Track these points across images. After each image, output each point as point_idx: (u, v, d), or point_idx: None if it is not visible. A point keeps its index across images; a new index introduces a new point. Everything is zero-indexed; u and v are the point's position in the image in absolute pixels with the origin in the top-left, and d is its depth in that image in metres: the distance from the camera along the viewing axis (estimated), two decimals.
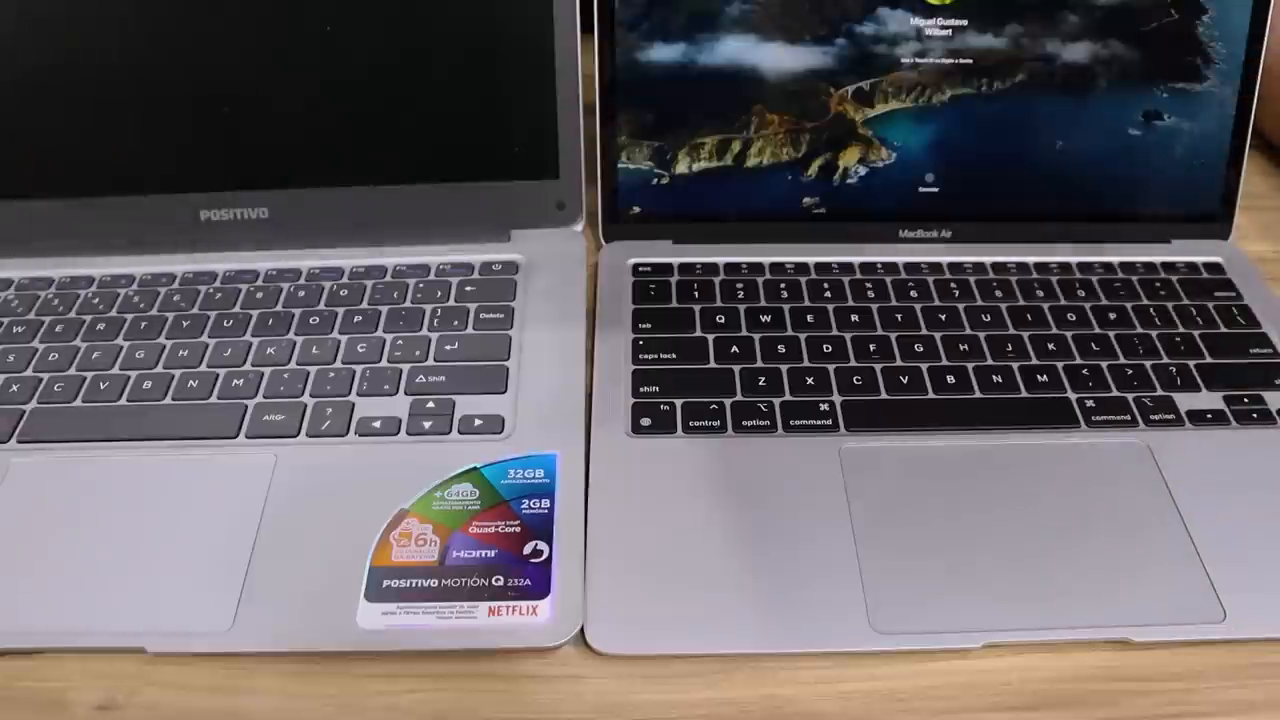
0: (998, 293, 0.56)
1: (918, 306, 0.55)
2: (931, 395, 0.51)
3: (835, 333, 0.54)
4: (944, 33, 0.56)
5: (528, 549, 0.43)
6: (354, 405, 0.48)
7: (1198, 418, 0.50)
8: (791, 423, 0.49)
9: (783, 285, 0.56)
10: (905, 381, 0.51)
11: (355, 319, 0.53)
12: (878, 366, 0.52)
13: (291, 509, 0.44)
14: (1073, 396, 0.51)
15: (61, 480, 0.46)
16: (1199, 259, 0.59)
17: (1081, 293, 0.57)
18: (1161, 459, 0.48)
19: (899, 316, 0.55)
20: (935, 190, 0.59)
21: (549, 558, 0.43)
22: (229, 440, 0.47)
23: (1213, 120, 0.58)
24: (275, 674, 0.41)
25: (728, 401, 0.50)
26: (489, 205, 0.57)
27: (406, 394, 0.49)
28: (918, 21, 0.56)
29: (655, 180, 0.58)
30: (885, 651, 0.41)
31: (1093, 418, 0.50)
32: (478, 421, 0.48)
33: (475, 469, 0.46)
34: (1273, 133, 0.66)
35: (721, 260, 0.58)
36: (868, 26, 0.56)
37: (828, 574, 0.43)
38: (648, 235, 0.59)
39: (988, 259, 0.58)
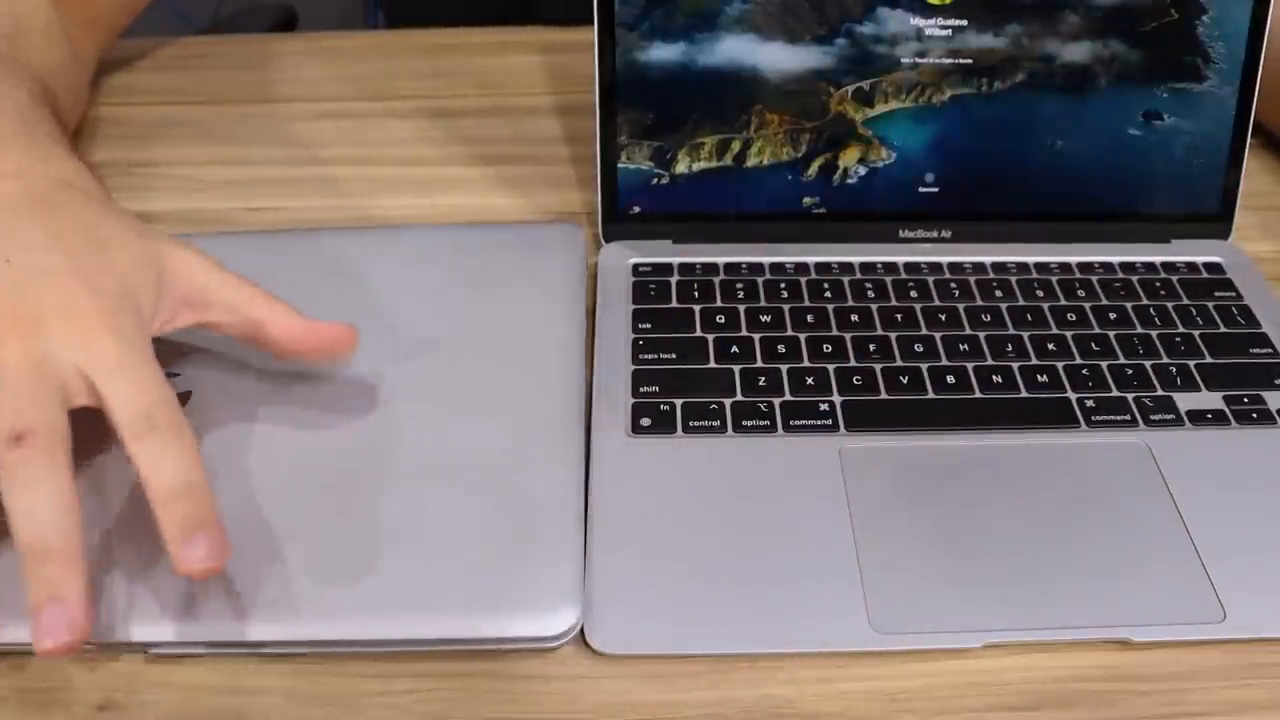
0: (998, 293, 0.56)
1: (918, 306, 0.55)
2: (931, 395, 0.51)
3: (835, 333, 0.54)
4: (944, 33, 0.56)
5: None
6: None
7: (1198, 418, 0.50)
8: (791, 423, 0.49)
9: (783, 285, 0.56)
10: (905, 381, 0.51)
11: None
12: (878, 366, 0.52)
13: None
14: (1073, 396, 0.51)
15: None
16: (1199, 259, 0.59)
17: (1081, 293, 0.57)
18: (1161, 459, 0.48)
19: (899, 316, 0.55)
20: (935, 190, 0.59)
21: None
22: None
23: (1213, 120, 0.58)
24: (276, 674, 0.41)
25: (728, 401, 0.50)
26: None
27: None
28: (918, 21, 0.56)
29: (655, 180, 0.58)
30: (885, 651, 0.41)
31: (1093, 418, 0.50)
32: None
33: None
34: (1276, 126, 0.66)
35: (721, 260, 0.58)
36: (868, 26, 0.56)
37: (828, 574, 0.43)
38: (648, 235, 0.59)
39: (988, 259, 0.59)
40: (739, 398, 0.50)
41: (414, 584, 0.42)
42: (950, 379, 0.51)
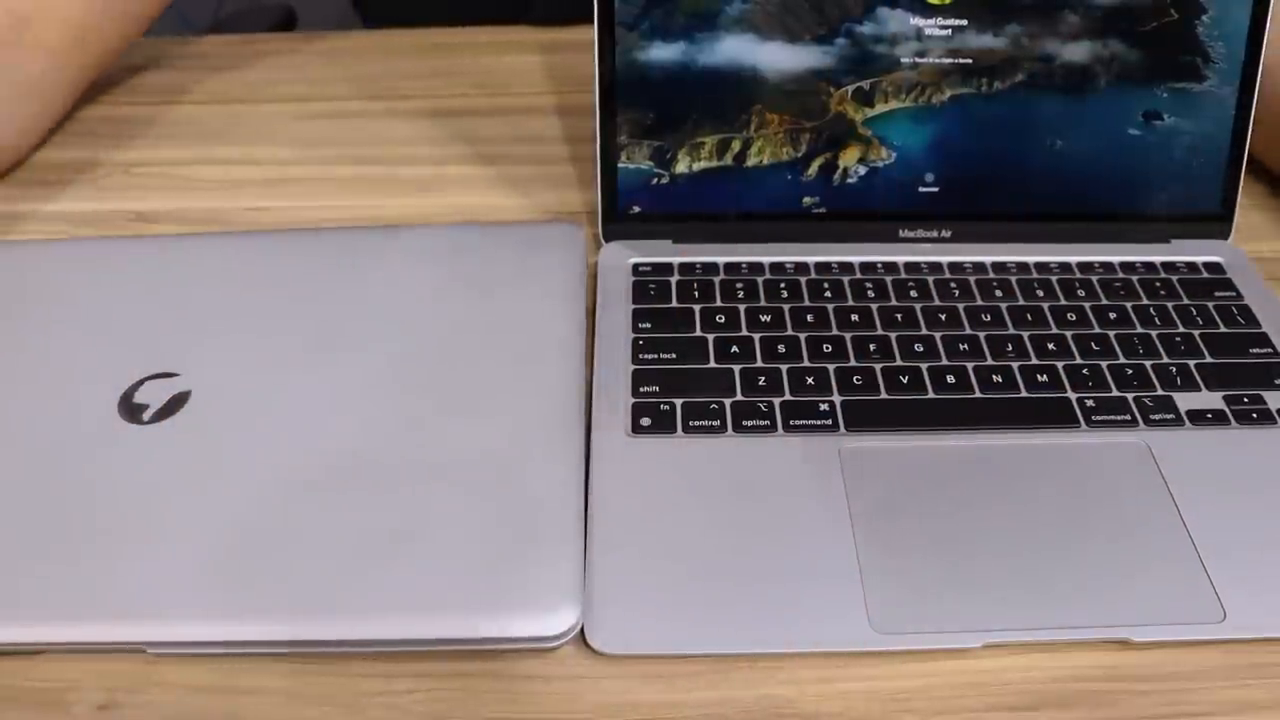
0: (998, 293, 0.56)
1: (918, 306, 0.55)
2: (931, 395, 0.51)
3: (835, 332, 0.54)
4: (944, 32, 0.56)
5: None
6: None
7: (1198, 418, 0.50)
8: (791, 423, 0.49)
9: (783, 285, 0.56)
10: (905, 381, 0.51)
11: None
12: (878, 366, 0.52)
13: None
14: (1073, 396, 0.51)
15: None
16: (1199, 259, 0.59)
17: (1081, 293, 0.57)
18: (1161, 459, 0.48)
19: (899, 316, 0.55)
20: (935, 190, 0.59)
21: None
22: None
23: (1213, 120, 0.58)
24: (275, 674, 0.41)
25: (728, 401, 0.50)
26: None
27: None
28: (917, 21, 0.56)
29: (655, 180, 0.58)
30: (885, 651, 0.41)
31: (1093, 418, 0.50)
32: None
33: None
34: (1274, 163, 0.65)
35: (721, 260, 0.58)
36: (867, 26, 0.56)
37: (828, 574, 0.43)
38: (648, 235, 0.59)
39: (988, 259, 0.59)
40: (739, 397, 0.50)
41: (414, 584, 0.41)
42: (950, 379, 0.51)
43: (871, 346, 0.53)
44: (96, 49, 0.68)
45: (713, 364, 0.52)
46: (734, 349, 0.53)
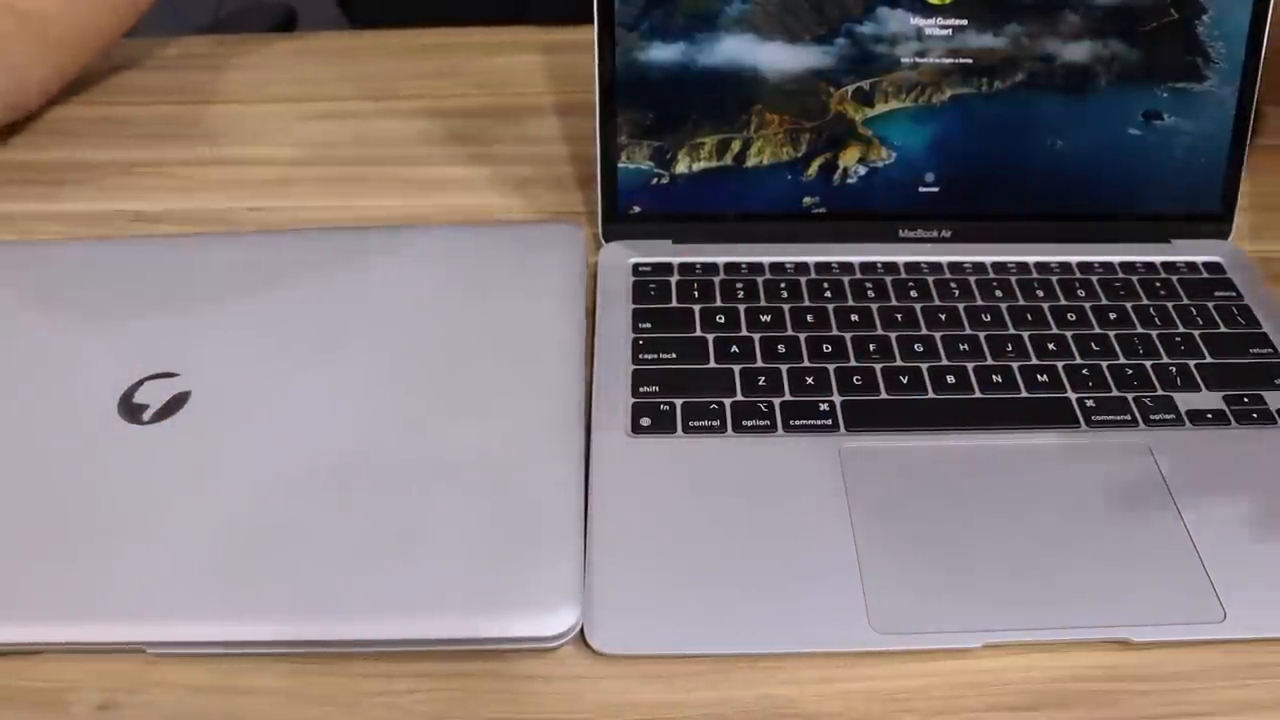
0: (998, 293, 0.56)
1: (918, 306, 0.55)
2: (931, 395, 0.51)
3: (835, 332, 0.54)
4: (944, 32, 0.56)
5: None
6: None
7: (1198, 418, 0.50)
8: (791, 423, 0.49)
9: (783, 285, 0.56)
10: (905, 381, 0.51)
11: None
12: (878, 366, 0.52)
13: None
14: (1073, 396, 0.51)
15: None
16: (1199, 259, 0.59)
17: (1081, 293, 0.57)
18: (1161, 459, 0.48)
19: (899, 316, 0.55)
20: (935, 190, 0.59)
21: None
22: None
23: (1213, 120, 0.58)
24: (275, 674, 0.41)
25: (728, 401, 0.50)
26: None
27: None
28: (918, 21, 0.56)
29: (655, 180, 0.58)
30: (885, 651, 0.41)
31: (1093, 418, 0.50)
32: None
33: None
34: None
35: (721, 260, 0.58)
36: (867, 26, 0.56)
37: (828, 574, 0.43)
38: (648, 235, 0.59)
39: (988, 259, 0.59)
40: (739, 397, 0.50)
41: (414, 584, 0.41)
42: (950, 379, 0.51)
43: (871, 346, 0.53)
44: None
45: (713, 364, 0.52)
46: (734, 349, 0.53)
